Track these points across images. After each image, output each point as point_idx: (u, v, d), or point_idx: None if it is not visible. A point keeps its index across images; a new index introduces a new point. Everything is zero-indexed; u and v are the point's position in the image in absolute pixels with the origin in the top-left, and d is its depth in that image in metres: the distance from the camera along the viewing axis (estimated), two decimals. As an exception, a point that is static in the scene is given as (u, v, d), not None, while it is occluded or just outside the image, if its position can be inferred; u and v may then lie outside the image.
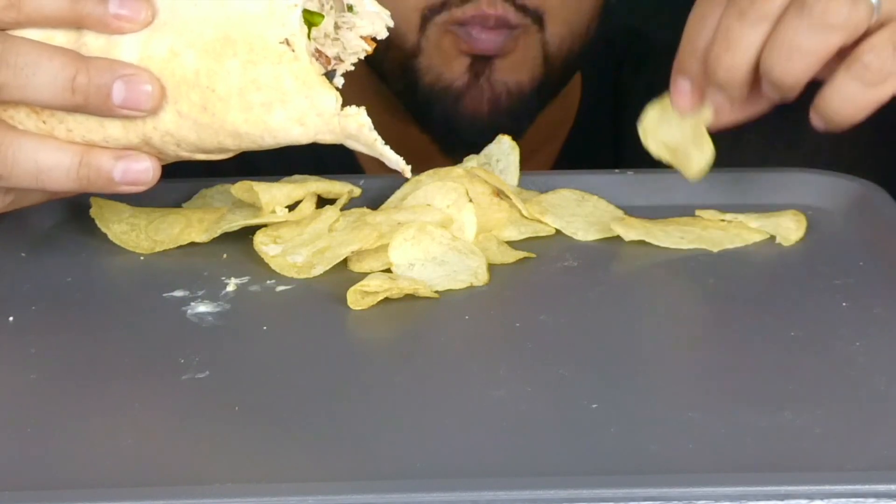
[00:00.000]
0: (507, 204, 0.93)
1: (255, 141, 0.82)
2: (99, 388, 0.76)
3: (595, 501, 0.64)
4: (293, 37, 0.80)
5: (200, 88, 0.81)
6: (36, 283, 0.87)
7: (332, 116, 0.81)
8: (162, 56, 0.81)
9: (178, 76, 0.81)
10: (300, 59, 0.80)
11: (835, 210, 0.95)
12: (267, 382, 0.76)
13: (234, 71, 0.80)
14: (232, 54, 0.80)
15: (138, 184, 0.84)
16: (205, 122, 0.81)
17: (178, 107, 0.81)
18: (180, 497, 0.65)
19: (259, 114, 0.81)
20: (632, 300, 0.85)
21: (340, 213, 0.92)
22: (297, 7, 0.80)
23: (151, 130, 0.82)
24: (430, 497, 0.64)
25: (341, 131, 0.81)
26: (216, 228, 0.91)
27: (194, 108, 0.81)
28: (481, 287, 0.86)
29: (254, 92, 0.80)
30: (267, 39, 0.80)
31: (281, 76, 0.80)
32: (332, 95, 0.81)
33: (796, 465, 0.67)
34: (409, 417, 0.73)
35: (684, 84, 0.91)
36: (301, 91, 0.80)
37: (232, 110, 0.81)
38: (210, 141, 0.82)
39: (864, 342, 0.78)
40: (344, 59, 0.86)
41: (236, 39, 0.80)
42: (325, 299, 0.84)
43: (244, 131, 0.81)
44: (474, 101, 1.15)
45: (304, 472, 0.68)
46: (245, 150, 0.84)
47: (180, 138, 0.83)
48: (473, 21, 1.13)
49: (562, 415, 0.72)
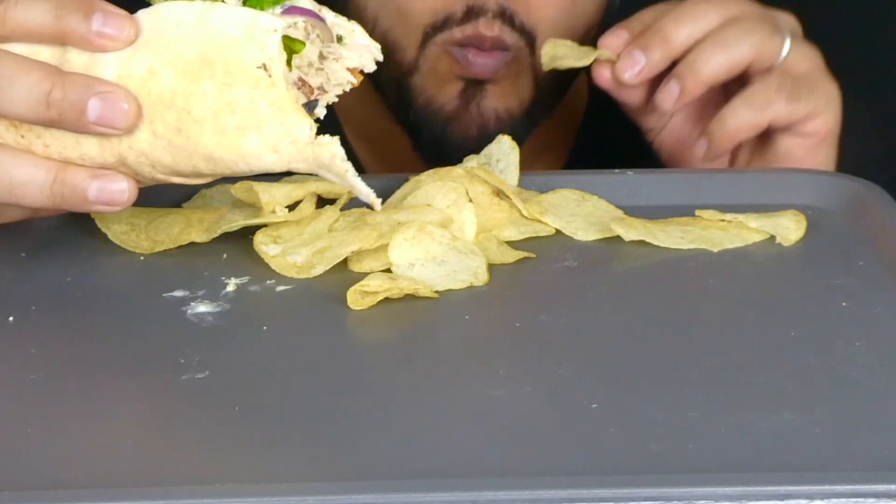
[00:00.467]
0: (507, 204, 0.93)
1: (229, 166, 0.81)
2: (99, 388, 0.76)
3: (595, 501, 0.64)
4: (271, 62, 0.78)
5: (176, 109, 0.80)
6: (36, 283, 0.87)
7: (305, 145, 0.79)
8: (140, 75, 0.80)
9: (155, 96, 0.80)
10: (277, 84, 0.79)
11: (835, 210, 0.95)
12: (267, 382, 0.76)
13: (210, 93, 0.79)
14: (209, 76, 0.79)
15: (113, 204, 0.83)
16: (179, 144, 0.80)
17: (153, 127, 0.80)
18: (180, 497, 0.65)
19: (233, 138, 0.79)
20: (632, 300, 0.85)
21: (340, 213, 0.92)
22: (277, 32, 0.79)
23: (127, 150, 0.81)
24: (430, 497, 0.64)
25: (314, 160, 0.80)
26: (216, 228, 0.91)
27: (169, 129, 0.80)
28: (481, 287, 0.86)
29: (228, 115, 0.79)
30: (244, 63, 0.79)
31: (256, 101, 0.79)
32: (306, 123, 0.79)
33: (796, 465, 0.67)
34: (409, 417, 0.73)
35: (640, 57, 1.05)
36: (276, 117, 0.79)
37: (206, 133, 0.80)
38: (185, 164, 0.81)
39: (864, 342, 0.78)
40: (328, 89, 0.85)
41: (214, 61, 0.79)
42: (325, 299, 0.84)
43: (218, 155, 0.80)
44: (463, 126, 1.16)
45: (304, 472, 0.68)
46: (221, 176, 0.83)
47: (155, 159, 0.81)
48: (471, 42, 1.13)
49: (562, 415, 0.72)
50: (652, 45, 1.05)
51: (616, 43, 1.07)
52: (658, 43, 1.05)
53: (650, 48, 1.05)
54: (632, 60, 1.06)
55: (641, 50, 1.05)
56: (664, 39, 1.05)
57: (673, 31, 1.05)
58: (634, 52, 1.05)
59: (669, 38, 1.05)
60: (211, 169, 0.82)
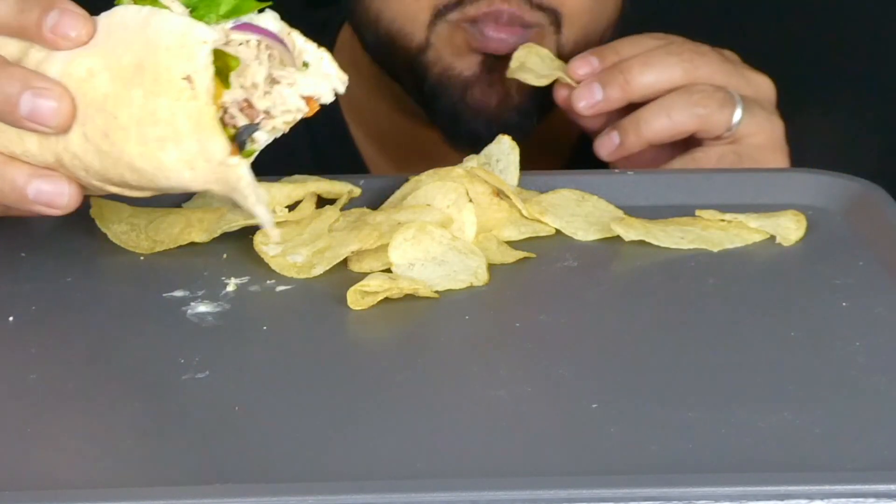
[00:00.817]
0: (507, 204, 0.93)
1: (151, 179, 0.79)
2: (99, 388, 0.76)
3: (595, 501, 0.64)
4: (196, 74, 0.76)
5: (105, 113, 0.78)
6: (36, 283, 0.87)
7: (218, 164, 0.76)
8: (80, 75, 0.78)
9: (90, 98, 0.78)
10: (198, 98, 0.76)
11: (835, 210, 0.95)
12: (267, 382, 0.76)
13: (137, 100, 0.77)
14: (139, 83, 0.77)
15: (52, 206, 0.81)
16: (105, 150, 0.78)
17: (84, 129, 0.78)
18: (180, 497, 0.65)
19: (153, 149, 0.77)
20: (632, 300, 0.85)
21: (340, 213, 0.92)
22: (207, 44, 0.76)
23: (62, 151, 0.79)
24: (430, 497, 0.64)
25: (225, 181, 0.77)
26: (216, 228, 0.91)
27: (97, 132, 0.78)
28: (481, 287, 0.86)
29: (151, 125, 0.77)
30: (171, 72, 0.76)
31: (177, 113, 0.76)
32: (221, 142, 0.76)
33: (796, 465, 0.68)
34: (409, 417, 0.73)
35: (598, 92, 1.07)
36: (194, 133, 0.76)
37: (130, 141, 0.77)
38: (113, 172, 0.79)
39: (864, 342, 0.78)
40: (275, 115, 0.80)
41: (146, 68, 0.77)
42: (325, 299, 0.84)
43: (139, 166, 0.78)
44: (483, 93, 1.15)
45: (305, 472, 0.68)
46: (151, 191, 0.81)
47: (87, 164, 0.79)
48: (487, 18, 1.12)
49: (562, 415, 0.72)
50: (612, 84, 1.07)
51: (583, 70, 1.08)
52: (619, 84, 1.06)
53: (610, 85, 1.07)
54: (589, 92, 1.07)
55: (601, 85, 1.07)
56: (626, 82, 1.06)
57: (636, 75, 1.06)
58: (594, 85, 1.07)
59: (630, 82, 1.06)
60: (136, 180, 0.79)
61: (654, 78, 1.06)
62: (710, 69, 1.07)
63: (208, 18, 0.79)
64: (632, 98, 1.07)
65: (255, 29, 0.79)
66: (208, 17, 0.79)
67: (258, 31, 0.79)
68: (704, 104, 1.06)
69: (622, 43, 1.10)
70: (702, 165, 1.08)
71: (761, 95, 1.10)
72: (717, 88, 1.07)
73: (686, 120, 1.06)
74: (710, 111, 1.06)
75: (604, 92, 1.07)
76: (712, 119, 1.06)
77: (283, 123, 0.80)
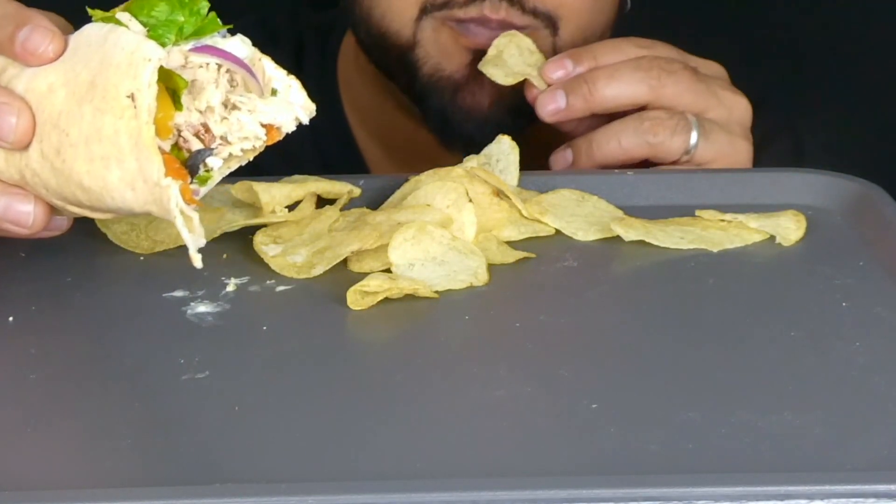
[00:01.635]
0: (507, 204, 0.93)
1: (99, 198, 0.78)
2: (99, 388, 0.76)
3: (595, 501, 0.64)
4: (139, 92, 0.75)
5: (58, 130, 0.77)
6: (36, 283, 0.87)
7: (154, 185, 0.75)
8: (41, 91, 0.78)
9: (47, 114, 0.78)
10: (139, 117, 0.75)
11: (835, 210, 0.95)
12: (267, 382, 0.76)
13: (87, 117, 0.76)
14: (90, 99, 0.76)
15: (19, 225, 0.80)
16: (58, 167, 0.77)
17: (42, 146, 0.78)
18: (180, 497, 0.65)
19: (99, 168, 0.76)
20: (632, 300, 0.85)
21: (340, 213, 0.92)
22: (150, 62, 0.75)
23: (24, 167, 0.79)
24: (430, 497, 0.64)
25: (160, 203, 0.76)
26: (216, 228, 0.91)
27: (51, 149, 0.77)
28: (481, 287, 0.86)
29: (96, 142, 0.76)
30: (118, 90, 0.75)
31: (119, 132, 0.75)
32: (156, 162, 0.75)
33: (796, 465, 0.68)
34: (409, 417, 0.73)
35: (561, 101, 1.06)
36: (133, 152, 0.75)
37: (79, 159, 0.77)
38: (67, 190, 0.78)
39: (864, 342, 0.78)
40: (232, 140, 0.79)
41: (97, 85, 0.76)
42: (325, 299, 0.84)
43: (87, 185, 0.77)
44: (473, 95, 1.14)
45: (304, 472, 0.68)
46: (103, 212, 0.80)
47: (45, 181, 0.79)
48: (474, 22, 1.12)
49: (562, 415, 0.72)
50: (576, 93, 1.06)
51: (556, 74, 1.07)
52: (583, 94, 1.05)
53: (574, 94, 1.06)
54: (553, 99, 1.06)
55: (566, 94, 1.06)
56: (589, 93, 1.05)
57: (601, 87, 1.05)
58: (558, 93, 1.06)
59: (594, 94, 1.05)
60: (88, 200, 0.78)
61: (617, 92, 1.06)
62: (676, 89, 1.06)
63: (167, 38, 0.78)
64: (594, 110, 1.06)
65: (216, 52, 0.78)
66: (167, 37, 0.78)
67: (220, 53, 0.78)
68: (655, 132, 1.05)
69: (603, 47, 1.09)
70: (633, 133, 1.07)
71: (734, 117, 1.09)
72: (671, 115, 1.06)
73: (636, 147, 1.05)
74: (661, 139, 1.05)
75: (567, 100, 1.06)
76: (663, 147, 1.05)
77: (241, 151, 0.80)
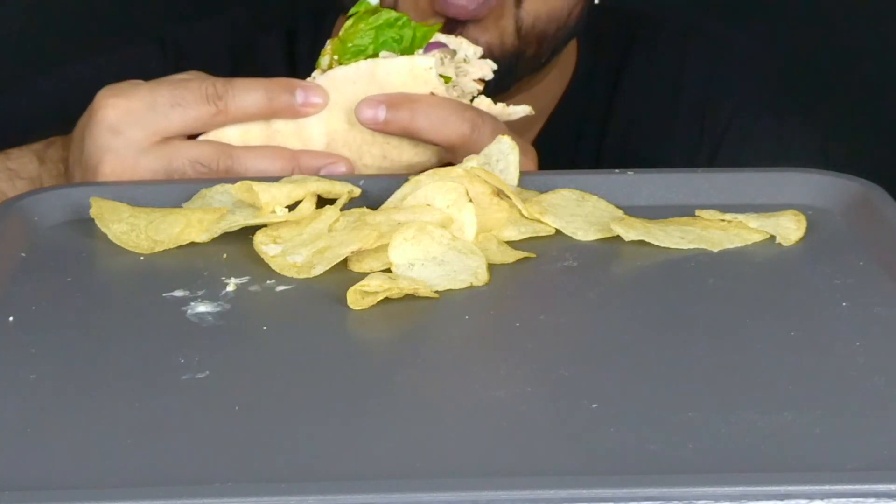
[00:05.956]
0: (507, 204, 0.93)
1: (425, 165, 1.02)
2: (99, 388, 0.76)
3: (595, 501, 0.64)
4: (436, 90, 1.00)
5: (378, 143, 1.01)
6: (36, 283, 0.87)
7: None
8: (343, 128, 1.01)
9: (359, 140, 1.01)
10: None
11: (835, 210, 0.95)
12: (267, 382, 0.76)
13: None
14: None
15: None
16: (385, 167, 1.02)
17: (362, 162, 1.02)
18: (180, 497, 0.65)
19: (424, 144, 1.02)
20: (632, 300, 0.85)
21: (340, 213, 0.92)
22: (432, 69, 1.00)
23: None
24: (430, 497, 0.64)
25: None
26: (216, 228, 0.91)
27: (375, 159, 1.02)
28: (481, 287, 0.86)
29: None
30: None
31: None
32: None
33: (796, 465, 0.68)
34: (409, 417, 0.73)
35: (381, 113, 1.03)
36: None
37: (405, 152, 1.02)
38: (394, 169, 1.03)
39: (864, 342, 0.78)
40: (462, 99, 1.03)
41: None
42: (325, 299, 0.84)
43: (416, 161, 1.03)
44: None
45: (304, 472, 0.68)
46: None
47: None
48: None
49: (562, 415, 0.72)
50: (397, 112, 1.01)
51: None
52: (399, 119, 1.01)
53: (394, 110, 1.01)
54: (372, 105, 1.01)
55: (386, 107, 1.01)
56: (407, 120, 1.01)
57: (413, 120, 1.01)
58: (381, 105, 1.01)
59: (411, 124, 1.01)
60: None
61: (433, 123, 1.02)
62: None
63: (411, 51, 1.02)
64: None
65: (436, 45, 1.03)
66: (411, 50, 1.02)
67: (438, 45, 1.03)
68: None
69: None
70: None
71: None
72: None
73: None
74: None
75: (385, 115, 1.01)
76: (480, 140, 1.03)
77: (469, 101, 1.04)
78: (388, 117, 1.01)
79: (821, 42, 1.77)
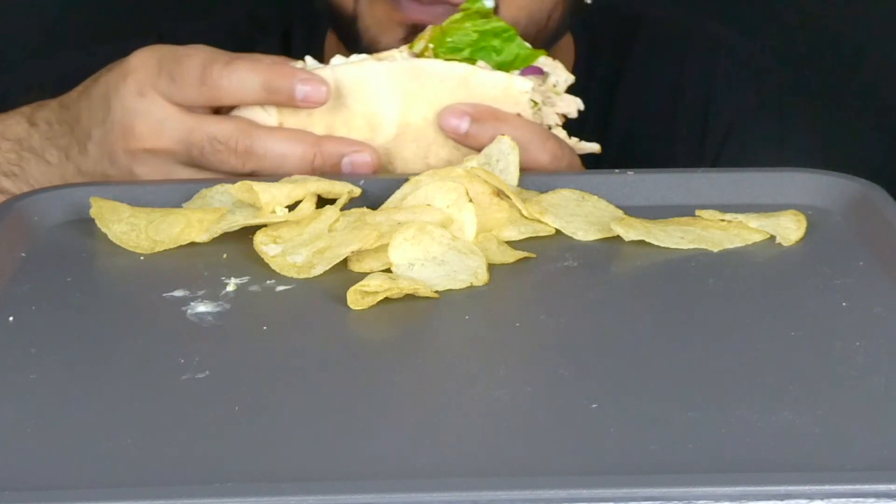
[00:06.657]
0: (507, 204, 0.93)
1: None
2: (99, 388, 0.76)
3: (595, 501, 0.64)
4: (524, 112, 1.00)
5: (448, 147, 1.00)
6: (36, 283, 0.87)
7: None
8: (418, 123, 1.00)
9: (431, 139, 1.00)
10: None
11: (835, 210, 0.95)
12: (267, 382, 0.76)
13: None
14: None
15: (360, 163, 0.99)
16: (431, 163, 1.01)
17: (426, 161, 1.01)
18: (180, 497, 0.65)
19: None
20: (632, 300, 0.85)
21: (340, 213, 0.92)
22: (528, 93, 1.00)
23: None
24: (430, 497, 0.64)
25: None
26: (216, 228, 0.91)
27: (440, 161, 1.00)
28: (481, 287, 0.86)
29: None
30: None
31: None
32: None
33: (796, 465, 0.68)
34: (409, 417, 0.73)
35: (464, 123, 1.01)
36: None
37: None
38: None
39: (864, 342, 0.78)
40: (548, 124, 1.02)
41: None
42: (325, 299, 0.84)
43: None
44: None
45: (304, 472, 0.68)
46: None
47: None
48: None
49: (562, 415, 0.72)
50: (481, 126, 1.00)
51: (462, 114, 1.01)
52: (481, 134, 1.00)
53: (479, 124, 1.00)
54: (457, 114, 1.00)
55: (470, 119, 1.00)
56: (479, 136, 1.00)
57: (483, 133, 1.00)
58: (466, 116, 1.00)
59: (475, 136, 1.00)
60: None
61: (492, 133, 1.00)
62: None
63: (508, 70, 1.01)
64: None
65: (532, 70, 1.03)
66: (508, 69, 1.01)
67: (534, 71, 1.03)
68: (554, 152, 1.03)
69: None
70: None
71: None
72: None
73: None
74: None
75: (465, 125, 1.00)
76: None
77: None
78: (471, 130, 0.99)
79: (821, 42, 1.77)
